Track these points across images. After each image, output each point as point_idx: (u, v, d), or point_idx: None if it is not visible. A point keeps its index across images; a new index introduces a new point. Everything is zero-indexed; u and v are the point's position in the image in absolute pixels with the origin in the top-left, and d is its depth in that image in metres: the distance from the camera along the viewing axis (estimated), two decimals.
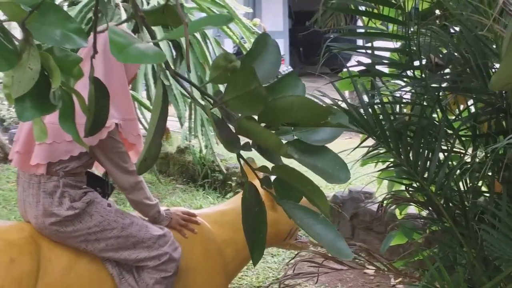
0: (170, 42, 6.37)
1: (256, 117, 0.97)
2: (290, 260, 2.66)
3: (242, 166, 1.01)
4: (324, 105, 0.95)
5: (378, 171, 2.39)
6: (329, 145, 1.11)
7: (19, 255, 2.27)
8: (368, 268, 2.74)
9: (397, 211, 3.07)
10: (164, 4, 1.00)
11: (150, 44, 0.82)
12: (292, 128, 1.05)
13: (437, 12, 2.28)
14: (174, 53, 6.45)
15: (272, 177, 1.07)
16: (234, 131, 0.96)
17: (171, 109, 8.47)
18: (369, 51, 2.20)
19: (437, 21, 2.24)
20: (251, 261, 4.41)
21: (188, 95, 1.19)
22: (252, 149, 1.03)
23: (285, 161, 1.09)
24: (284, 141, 1.05)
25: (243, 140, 1.02)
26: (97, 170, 2.74)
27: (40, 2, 1.06)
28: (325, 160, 1.07)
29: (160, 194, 6.75)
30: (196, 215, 2.83)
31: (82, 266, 2.43)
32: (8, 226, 2.52)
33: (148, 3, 5.96)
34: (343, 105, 2.04)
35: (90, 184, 2.53)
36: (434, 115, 2.13)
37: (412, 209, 2.92)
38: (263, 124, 0.99)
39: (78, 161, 2.39)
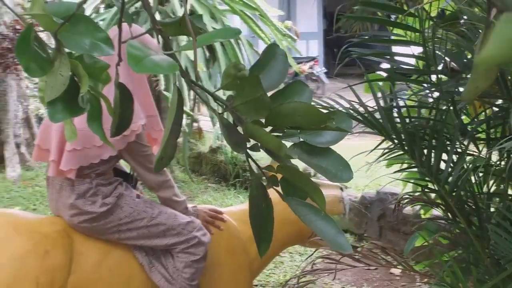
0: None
1: (263, 121, 1.06)
2: (307, 258, 2.74)
3: (251, 165, 1.11)
4: (324, 111, 1.03)
5: (396, 171, 2.46)
6: (358, 145, 1.18)
7: (53, 248, 2.39)
8: (392, 267, 2.80)
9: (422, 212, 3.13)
10: (181, 17, 1.09)
11: (165, 56, 0.92)
12: (299, 131, 1.14)
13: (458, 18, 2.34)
14: (208, 54, 6.59)
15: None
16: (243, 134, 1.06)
17: (204, 109, 8.61)
18: (385, 56, 2.28)
19: (463, 28, 2.29)
20: (277, 259, 4.49)
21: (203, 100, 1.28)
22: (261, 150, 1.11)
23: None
24: (290, 143, 1.15)
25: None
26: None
27: (71, 15, 1.17)
28: (329, 160, 1.15)
29: (192, 192, 6.88)
30: (223, 213, 2.93)
31: (113, 259, 2.54)
32: (42, 219, 2.64)
33: (181, 6, 6.10)
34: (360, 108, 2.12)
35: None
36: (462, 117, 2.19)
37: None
38: (269, 128, 1.09)
39: (108, 164, 2.50)
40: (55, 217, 2.62)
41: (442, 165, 2.10)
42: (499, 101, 2.20)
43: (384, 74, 2.61)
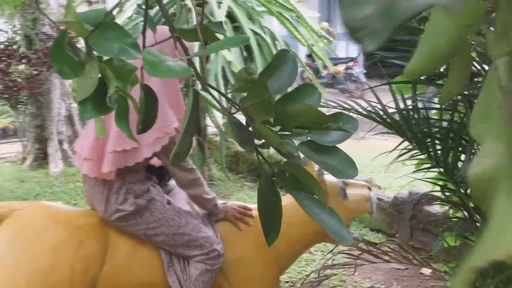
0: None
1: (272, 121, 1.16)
2: (327, 254, 2.81)
3: (260, 161, 1.20)
4: (324, 113, 1.12)
5: (415, 171, 2.52)
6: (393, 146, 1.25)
7: (88, 238, 2.53)
8: (423, 266, 2.86)
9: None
10: (199, 24, 1.20)
11: (179, 62, 1.02)
12: (306, 130, 1.23)
13: None
14: (245, 54, 6.71)
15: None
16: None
17: None
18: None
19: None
20: (309, 257, 4.57)
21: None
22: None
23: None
24: (298, 142, 1.24)
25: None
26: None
27: (100, 22, 1.28)
28: (335, 158, 1.24)
29: (228, 190, 7.00)
30: (252, 209, 3.03)
31: (142, 252, 2.66)
32: (79, 211, 2.78)
33: (219, 7, 6.22)
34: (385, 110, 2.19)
35: (149, 171, 2.76)
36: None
37: None
38: (278, 127, 1.18)
39: (141, 163, 2.60)
40: (91, 210, 2.74)
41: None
42: None
43: None
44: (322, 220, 1.19)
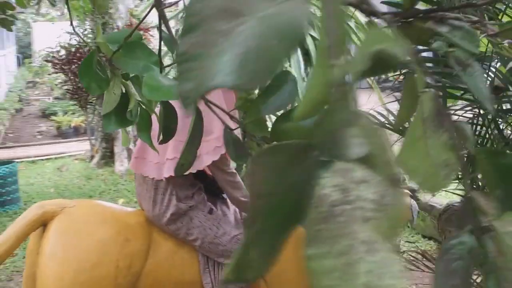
0: (299, 49, 6.72)
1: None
2: None
3: None
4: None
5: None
6: None
7: (133, 237, 2.69)
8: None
9: None
10: None
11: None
12: None
13: None
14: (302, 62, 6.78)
15: None
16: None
17: None
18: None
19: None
20: None
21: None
22: None
23: None
24: None
25: None
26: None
27: (122, 44, 1.42)
28: None
29: None
30: None
31: (183, 252, 2.79)
32: (127, 211, 2.94)
33: None
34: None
35: (199, 179, 2.88)
36: None
37: None
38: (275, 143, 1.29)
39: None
40: (140, 210, 2.91)
41: None
42: None
43: None
44: None
